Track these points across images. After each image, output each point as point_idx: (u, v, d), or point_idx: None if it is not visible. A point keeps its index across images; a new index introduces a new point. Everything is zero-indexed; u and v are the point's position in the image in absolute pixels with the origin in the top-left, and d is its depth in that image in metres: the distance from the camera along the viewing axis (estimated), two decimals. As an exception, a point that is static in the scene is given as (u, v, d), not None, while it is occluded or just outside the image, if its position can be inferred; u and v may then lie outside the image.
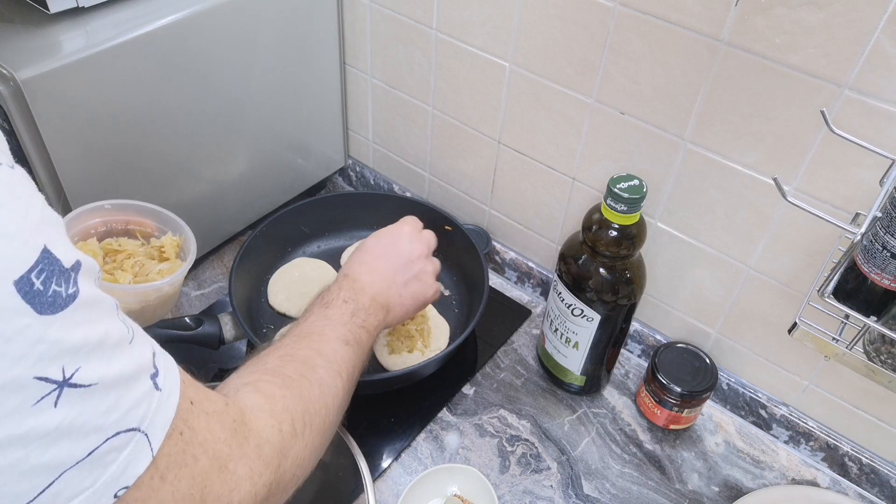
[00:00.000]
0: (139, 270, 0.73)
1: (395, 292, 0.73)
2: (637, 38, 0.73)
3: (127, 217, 0.76)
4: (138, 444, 0.37)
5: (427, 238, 0.80)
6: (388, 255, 0.75)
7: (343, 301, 0.67)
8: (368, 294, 0.70)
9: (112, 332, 0.36)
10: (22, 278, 0.31)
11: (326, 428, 0.56)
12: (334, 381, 0.58)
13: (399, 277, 0.74)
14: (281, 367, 0.56)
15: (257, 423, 0.48)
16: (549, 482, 0.81)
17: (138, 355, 0.38)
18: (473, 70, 0.90)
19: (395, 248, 0.76)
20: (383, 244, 0.76)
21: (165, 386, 0.40)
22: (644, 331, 0.94)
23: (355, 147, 1.16)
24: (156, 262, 0.75)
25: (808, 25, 0.62)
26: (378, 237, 0.77)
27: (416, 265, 0.76)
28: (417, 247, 0.78)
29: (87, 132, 0.75)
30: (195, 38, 0.81)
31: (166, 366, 0.41)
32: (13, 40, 0.71)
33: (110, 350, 0.36)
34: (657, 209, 0.83)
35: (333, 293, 0.68)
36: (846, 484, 0.84)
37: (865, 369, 0.60)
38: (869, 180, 0.65)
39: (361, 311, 0.68)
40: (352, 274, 0.72)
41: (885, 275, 0.55)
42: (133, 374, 0.37)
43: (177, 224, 0.77)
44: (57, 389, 0.32)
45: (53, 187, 0.75)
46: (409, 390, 0.87)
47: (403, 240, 0.77)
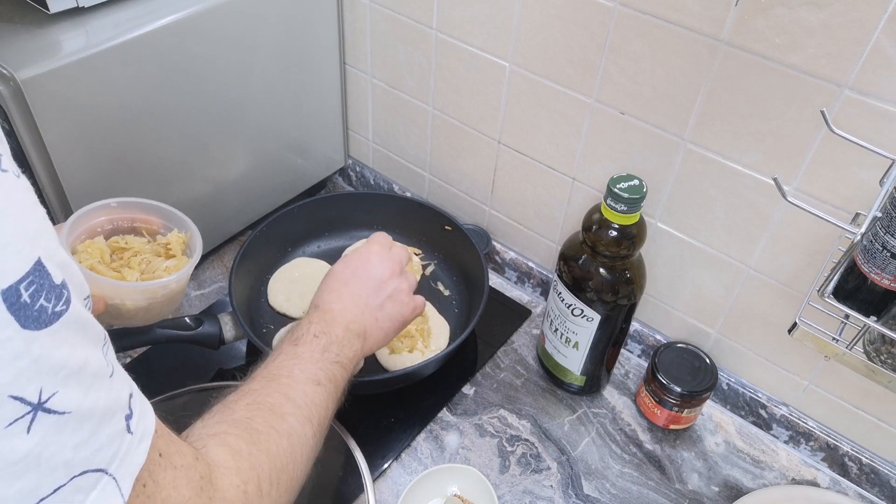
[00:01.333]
0: (146, 268, 0.73)
1: (371, 317, 0.70)
2: (637, 38, 0.73)
3: (133, 215, 0.76)
4: (106, 489, 0.35)
5: (397, 254, 0.76)
6: (358, 279, 0.71)
7: (314, 336, 0.64)
8: (341, 324, 0.66)
9: (92, 360, 0.35)
10: (10, 288, 0.30)
11: (294, 483, 0.54)
12: (304, 430, 0.56)
13: (373, 300, 0.71)
14: (249, 418, 0.53)
15: (223, 482, 0.46)
16: (549, 482, 0.81)
17: (116, 392, 0.37)
18: (473, 70, 0.90)
19: (364, 271, 0.72)
20: (351, 268, 0.72)
21: (138, 430, 0.38)
22: (644, 331, 0.94)
23: (355, 147, 1.16)
24: (162, 259, 0.75)
25: (808, 25, 0.62)
26: (345, 262, 0.74)
27: (389, 285, 0.73)
28: (388, 265, 0.74)
29: (87, 132, 0.75)
30: (195, 39, 0.81)
31: (142, 410, 0.40)
32: (13, 40, 0.71)
33: (89, 379, 0.34)
34: (657, 209, 0.83)
35: (303, 328, 0.65)
36: (846, 484, 0.84)
37: (865, 369, 0.60)
38: (869, 180, 0.65)
39: (334, 344, 0.64)
40: (322, 304, 0.69)
41: (885, 275, 0.55)
42: (107, 410, 0.36)
43: (182, 221, 0.76)
44: (31, 413, 0.31)
45: (53, 187, 0.75)
46: (409, 390, 0.87)
47: (373, 260, 0.73)
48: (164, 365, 0.89)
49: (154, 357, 0.90)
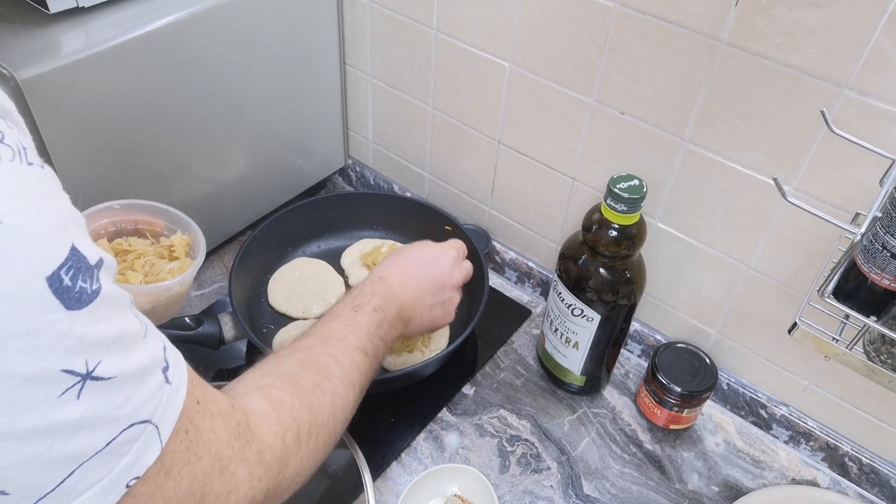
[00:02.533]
0: (150, 270, 0.73)
1: (420, 311, 0.73)
2: (637, 38, 0.73)
3: (136, 216, 0.77)
4: (149, 437, 0.38)
5: (467, 269, 0.80)
6: (428, 273, 0.75)
7: (373, 309, 0.67)
8: (396, 305, 0.70)
9: (128, 327, 0.38)
10: (53, 275, 0.33)
11: (332, 438, 0.57)
12: (347, 393, 0.59)
13: (429, 298, 0.74)
14: (296, 373, 0.56)
15: (261, 428, 0.48)
16: (549, 482, 0.81)
17: (151, 349, 0.39)
18: (473, 70, 0.90)
19: (435, 268, 0.76)
20: (424, 259, 0.76)
21: (175, 380, 0.41)
22: (644, 331, 0.94)
23: (355, 147, 1.16)
24: (166, 262, 0.75)
25: (808, 25, 0.62)
26: (422, 250, 0.77)
27: (447, 292, 0.76)
28: (457, 274, 0.78)
29: (87, 132, 0.75)
30: (195, 38, 0.81)
31: (175, 361, 0.42)
32: (13, 40, 0.71)
33: (127, 344, 0.37)
34: (657, 209, 0.83)
35: (366, 296, 0.68)
36: (846, 484, 0.84)
37: (865, 369, 0.60)
38: (869, 180, 0.65)
39: (387, 322, 0.67)
40: (388, 280, 0.71)
41: (885, 275, 0.55)
42: (146, 367, 0.38)
43: (185, 223, 0.77)
44: (80, 382, 0.34)
45: (53, 187, 0.75)
46: (409, 390, 0.87)
47: (445, 262, 0.77)
48: (164, 365, 0.89)
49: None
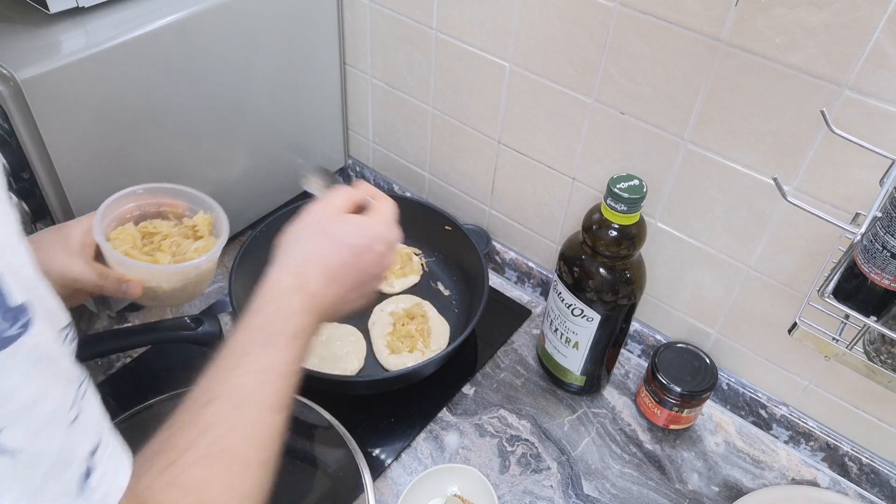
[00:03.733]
0: (177, 250, 0.74)
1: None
2: (637, 38, 0.73)
3: (158, 199, 0.76)
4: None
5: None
6: (356, 269, 0.60)
7: (291, 337, 0.52)
8: (318, 316, 0.56)
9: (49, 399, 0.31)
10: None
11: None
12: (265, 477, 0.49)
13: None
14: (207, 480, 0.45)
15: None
16: (549, 482, 0.81)
17: (73, 442, 0.33)
18: (473, 70, 0.90)
19: (364, 259, 0.60)
20: (355, 250, 0.59)
21: (98, 491, 0.33)
22: (644, 331, 0.94)
23: (355, 147, 1.16)
24: (191, 241, 0.75)
25: (808, 25, 0.62)
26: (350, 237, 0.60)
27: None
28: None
29: (88, 132, 0.75)
30: (195, 38, 0.81)
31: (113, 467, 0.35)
32: (13, 40, 0.71)
33: (40, 420, 0.30)
34: (657, 209, 0.83)
35: (281, 317, 0.53)
36: (846, 484, 0.84)
37: (865, 369, 0.60)
38: (869, 180, 0.65)
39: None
40: (313, 287, 0.56)
41: (885, 275, 0.55)
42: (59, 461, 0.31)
43: (207, 203, 0.77)
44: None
45: (53, 187, 0.75)
46: (409, 390, 0.87)
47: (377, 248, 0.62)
48: (164, 365, 0.89)
49: (154, 357, 0.90)
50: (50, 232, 0.69)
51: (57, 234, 0.68)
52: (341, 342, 0.89)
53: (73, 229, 0.68)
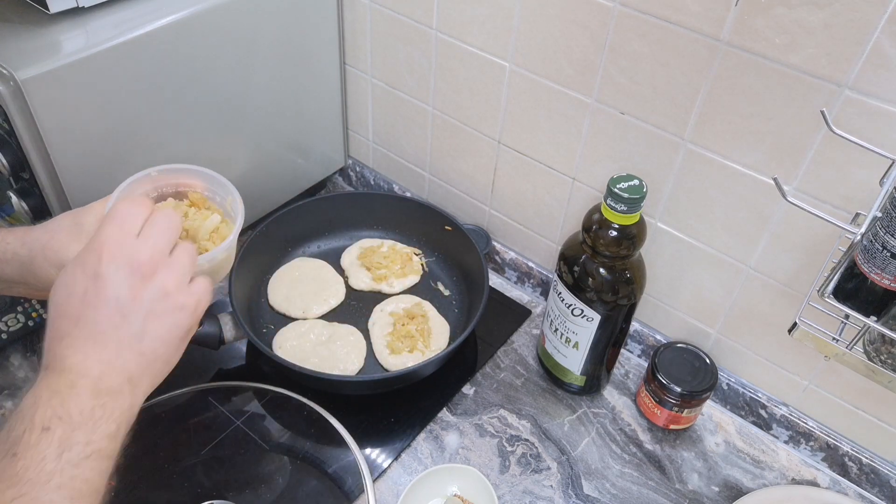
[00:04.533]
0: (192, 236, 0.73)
1: (131, 355, 0.50)
2: (637, 38, 0.73)
3: (176, 180, 0.72)
4: None
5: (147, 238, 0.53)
6: (93, 308, 0.49)
7: (43, 429, 0.43)
8: (85, 389, 0.47)
9: None
10: None
11: None
12: None
13: (125, 332, 0.50)
14: None
15: None
16: (549, 482, 0.81)
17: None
18: (473, 70, 0.90)
19: (97, 293, 0.50)
20: (79, 294, 0.50)
21: None
22: (644, 331, 0.94)
23: (355, 147, 1.16)
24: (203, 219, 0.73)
25: (808, 25, 0.62)
26: (67, 285, 0.51)
27: (143, 296, 0.51)
28: (130, 268, 0.51)
29: (88, 132, 0.75)
30: (195, 38, 0.81)
31: None
32: (13, 40, 0.71)
33: None
34: (657, 209, 0.83)
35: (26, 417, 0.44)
36: (846, 484, 0.84)
37: (865, 369, 0.60)
38: (869, 180, 0.65)
39: (79, 428, 0.44)
40: (52, 363, 0.48)
41: (886, 275, 0.55)
42: None
43: (223, 184, 0.75)
44: None
45: (53, 187, 0.75)
46: (409, 390, 0.87)
47: (105, 270, 0.51)
48: (164, 365, 0.89)
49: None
50: (63, 218, 0.65)
51: (71, 220, 0.65)
52: (341, 342, 0.89)
53: (87, 216, 0.64)
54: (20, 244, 0.63)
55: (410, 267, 1.00)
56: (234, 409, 0.82)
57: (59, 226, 0.64)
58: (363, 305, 0.96)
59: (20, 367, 0.87)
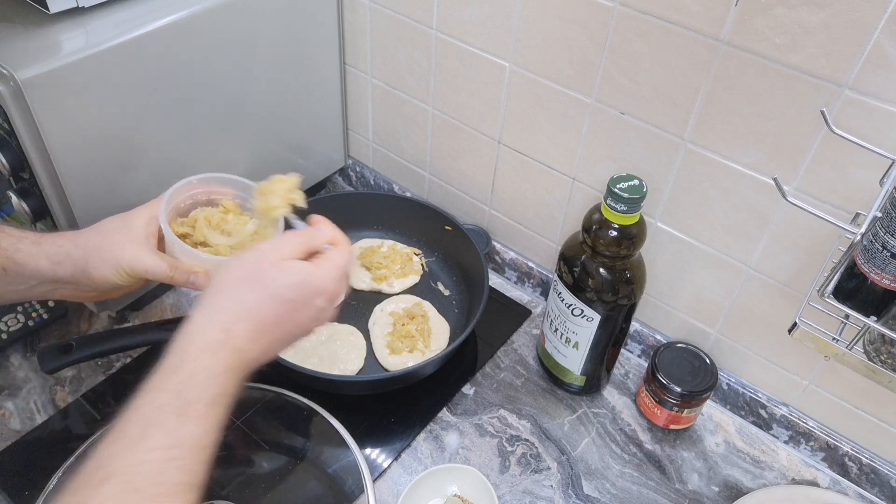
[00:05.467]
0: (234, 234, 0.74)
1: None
2: (637, 38, 0.73)
3: (209, 188, 0.76)
4: None
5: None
6: (292, 325, 0.56)
7: (210, 404, 0.47)
8: (243, 372, 0.52)
9: None
10: None
11: None
12: None
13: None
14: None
15: None
16: (549, 482, 0.81)
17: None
18: (473, 70, 0.90)
19: (302, 314, 0.56)
20: (293, 305, 0.56)
21: None
22: (644, 331, 0.94)
23: (355, 147, 1.16)
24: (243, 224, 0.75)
25: (808, 25, 0.62)
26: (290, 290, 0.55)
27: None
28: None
29: (88, 132, 0.75)
30: (195, 39, 0.81)
31: None
32: (13, 40, 0.71)
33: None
34: (657, 209, 0.83)
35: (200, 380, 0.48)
36: (846, 484, 0.84)
37: (865, 369, 0.60)
38: (869, 180, 0.65)
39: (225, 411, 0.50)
40: (239, 342, 0.52)
41: (886, 275, 0.55)
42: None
43: (250, 188, 0.77)
44: None
45: (54, 187, 0.75)
46: (409, 390, 0.87)
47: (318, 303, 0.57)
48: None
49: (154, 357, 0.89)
50: (113, 221, 0.69)
51: (121, 223, 0.68)
52: (341, 342, 0.89)
53: (136, 219, 0.68)
54: (73, 245, 0.66)
55: (410, 267, 1.00)
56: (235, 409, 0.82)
57: (111, 228, 0.68)
58: (363, 305, 0.96)
59: (20, 367, 0.87)
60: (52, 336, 0.91)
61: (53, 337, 0.91)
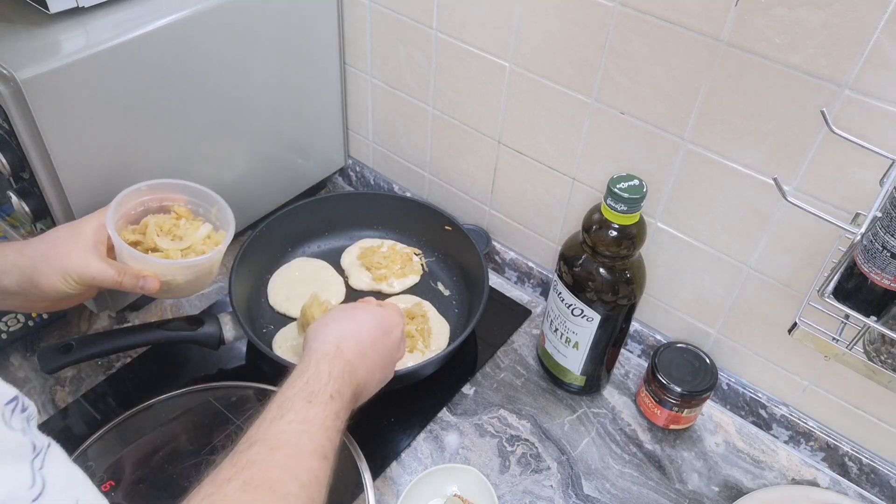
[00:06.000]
0: (185, 239, 0.76)
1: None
2: (637, 38, 0.73)
3: (162, 195, 0.77)
4: None
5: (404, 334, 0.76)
6: (384, 345, 0.69)
7: (330, 397, 0.58)
8: (354, 384, 0.62)
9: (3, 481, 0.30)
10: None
11: None
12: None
13: (379, 374, 0.69)
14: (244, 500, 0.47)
15: None
16: (549, 482, 0.81)
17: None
18: (473, 70, 0.90)
19: (390, 339, 0.70)
20: (382, 330, 0.69)
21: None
22: (644, 331, 0.94)
23: (355, 147, 1.16)
24: (195, 228, 0.77)
25: (808, 25, 0.62)
26: (375, 320, 0.70)
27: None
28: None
29: (88, 132, 0.75)
30: (195, 38, 0.81)
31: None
32: (13, 40, 0.71)
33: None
34: (657, 209, 0.83)
35: (322, 379, 0.59)
36: (846, 484, 0.84)
37: (865, 369, 0.60)
38: (869, 180, 0.65)
39: (344, 409, 0.60)
40: (346, 353, 0.64)
41: (886, 275, 0.55)
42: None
43: (209, 196, 0.79)
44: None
45: (53, 187, 0.75)
46: (409, 390, 0.87)
47: (398, 332, 0.72)
48: (164, 365, 0.89)
49: (154, 357, 0.90)
50: (61, 230, 0.70)
51: (69, 231, 0.69)
52: (341, 342, 0.89)
53: (85, 226, 0.69)
54: (18, 255, 0.67)
55: (410, 267, 1.00)
56: (234, 409, 0.82)
57: (59, 236, 0.69)
58: (363, 305, 0.96)
59: (20, 367, 0.87)
60: (52, 336, 0.91)
61: (53, 337, 0.91)
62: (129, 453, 0.76)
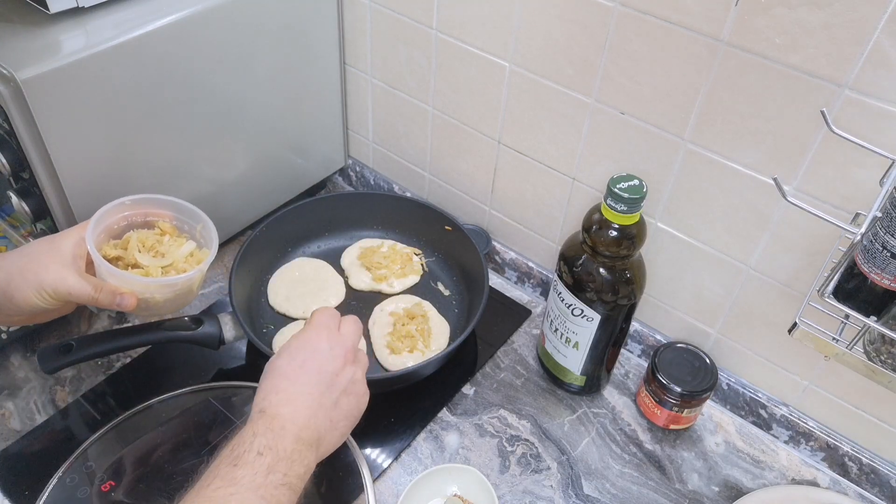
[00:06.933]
0: (166, 257, 0.75)
1: (325, 419, 0.62)
2: (637, 38, 0.73)
3: (146, 210, 0.76)
4: None
5: (348, 336, 0.68)
6: (308, 374, 0.63)
7: (258, 453, 0.55)
8: (291, 433, 0.58)
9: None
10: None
11: None
12: None
13: (326, 399, 0.62)
14: None
15: None
16: (549, 482, 0.81)
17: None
18: (473, 70, 0.90)
19: (314, 364, 0.63)
20: (299, 361, 0.63)
21: None
22: (644, 331, 0.94)
23: (355, 147, 1.16)
24: (179, 245, 0.76)
25: (808, 25, 0.62)
26: (290, 353, 0.64)
27: (343, 377, 0.65)
28: (340, 352, 0.65)
29: (88, 132, 0.75)
30: (195, 38, 0.81)
31: None
32: (13, 40, 0.71)
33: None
34: (657, 209, 0.83)
35: (246, 441, 0.56)
36: (846, 484, 0.84)
37: (865, 369, 0.60)
38: (869, 180, 0.65)
39: (282, 461, 0.56)
40: (268, 409, 0.60)
41: (886, 275, 0.55)
42: None
43: (194, 213, 0.78)
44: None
45: (54, 187, 0.75)
46: (409, 390, 0.87)
47: (322, 348, 0.65)
48: (164, 365, 0.89)
49: (154, 357, 0.90)
50: (40, 243, 0.69)
51: (48, 245, 0.68)
52: (341, 342, 0.89)
53: (64, 241, 0.68)
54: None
55: (410, 267, 1.00)
56: (234, 409, 0.82)
57: (37, 250, 0.68)
58: (363, 305, 0.96)
59: (20, 367, 0.87)
60: (52, 336, 0.91)
61: (53, 337, 0.91)
62: (128, 453, 0.76)
